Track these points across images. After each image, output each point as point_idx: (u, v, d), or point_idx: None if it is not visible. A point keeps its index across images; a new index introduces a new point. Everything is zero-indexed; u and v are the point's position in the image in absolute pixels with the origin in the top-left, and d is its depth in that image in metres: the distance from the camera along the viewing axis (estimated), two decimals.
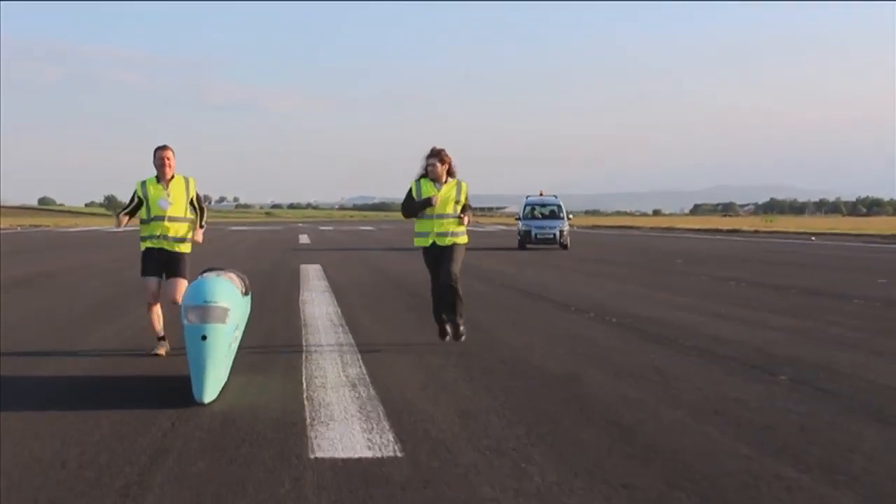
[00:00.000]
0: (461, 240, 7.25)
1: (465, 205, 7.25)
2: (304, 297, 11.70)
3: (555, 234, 26.24)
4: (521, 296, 12.18)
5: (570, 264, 19.50)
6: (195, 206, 7.17)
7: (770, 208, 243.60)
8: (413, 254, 7.44)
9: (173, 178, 7.01)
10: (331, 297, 11.65)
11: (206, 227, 7.32)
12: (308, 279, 14.85)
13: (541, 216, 27.63)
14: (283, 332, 8.28)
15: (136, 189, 7.03)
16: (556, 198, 28.53)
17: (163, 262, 7.01)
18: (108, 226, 72.83)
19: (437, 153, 7.20)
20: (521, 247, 26.81)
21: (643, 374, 6.13)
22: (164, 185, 6.97)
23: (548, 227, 26.56)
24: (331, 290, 12.70)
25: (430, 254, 7.27)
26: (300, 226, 70.78)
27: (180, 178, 7.06)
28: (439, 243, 7.17)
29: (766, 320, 9.21)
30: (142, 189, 7.00)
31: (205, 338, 5.26)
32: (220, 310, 5.43)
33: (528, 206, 28.09)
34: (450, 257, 7.13)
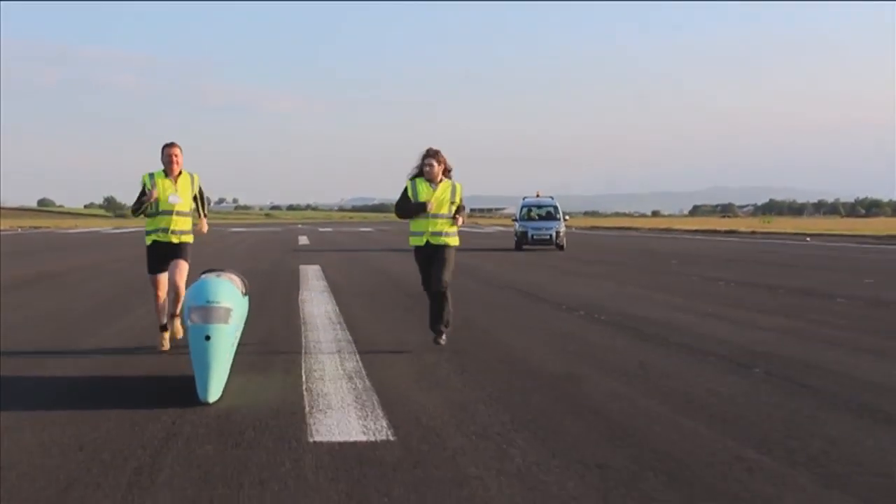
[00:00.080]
0: (452, 241, 7.43)
1: (458, 206, 7.43)
2: (303, 296, 12.00)
3: (551, 235, 26.57)
4: (514, 295, 12.49)
5: (565, 265, 19.80)
6: (198, 199, 7.52)
7: (769, 209, 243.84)
8: (411, 255, 7.71)
9: (180, 174, 7.30)
10: (329, 296, 11.95)
11: (206, 217, 7.68)
12: (307, 279, 15.15)
13: (537, 217, 27.94)
14: (283, 330, 8.58)
15: (145, 181, 7.27)
16: (553, 199, 28.85)
17: (167, 254, 7.30)
18: (107, 227, 73.13)
19: (434, 153, 7.35)
20: (518, 248, 27.13)
21: (626, 368, 6.44)
22: (172, 181, 7.25)
23: (544, 229, 26.88)
24: (329, 289, 13.00)
25: (422, 252, 7.46)
26: (299, 227, 71.05)
27: (186, 174, 7.35)
28: (433, 242, 7.36)
29: (750, 319, 9.53)
30: (150, 181, 7.25)
31: (209, 338, 5.37)
32: (223, 310, 5.55)
33: (524, 207, 28.41)
34: (441, 263, 7.29)
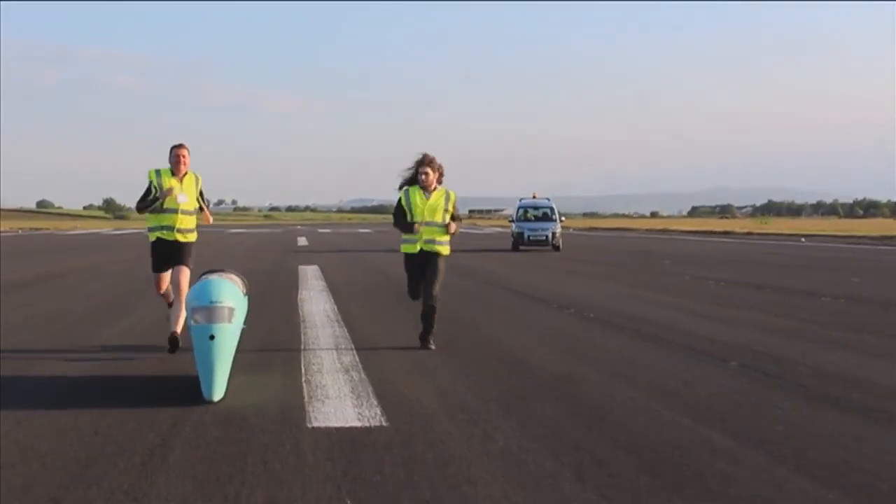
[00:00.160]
0: (445, 250, 7.51)
1: (453, 214, 7.49)
2: (302, 295, 12.34)
3: (547, 235, 26.93)
4: (508, 294, 12.83)
5: (559, 265, 20.15)
6: (201, 198, 7.69)
7: (767, 210, 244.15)
8: None
9: (186, 174, 7.49)
10: (328, 295, 12.29)
11: (211, 216, 7.84)
12: (306, 279, 15.50)
13: (533, 218, 28.31)
14: (283, 327, 8.93)
15: (151, 178, 7.42)
16: (549, 200, 29.22)
17: (171, 252, 7.48)
18: (107, 228, 73.43)
19: (430, 161, 7.46)
20: (515, 248, 27.50)
21: (608, 360, 6.80)
22: (178, 180, 7.43)
23: (540, 229, 27.24)
24: (328, 289, 13.35)
25: (414, 260, 7.55)
26: (298, 228, 71.40)
27: (192, 174, 7.54)
28: (426, 249, 7.46)
29: (732, 316, 9.88)
30: (157, 178, 7.41)
31: (212, 337, 5.46)
32: (226, 310, 5.63)
33: (520, 208, 28.78)
34: (433, 274, 7.40)
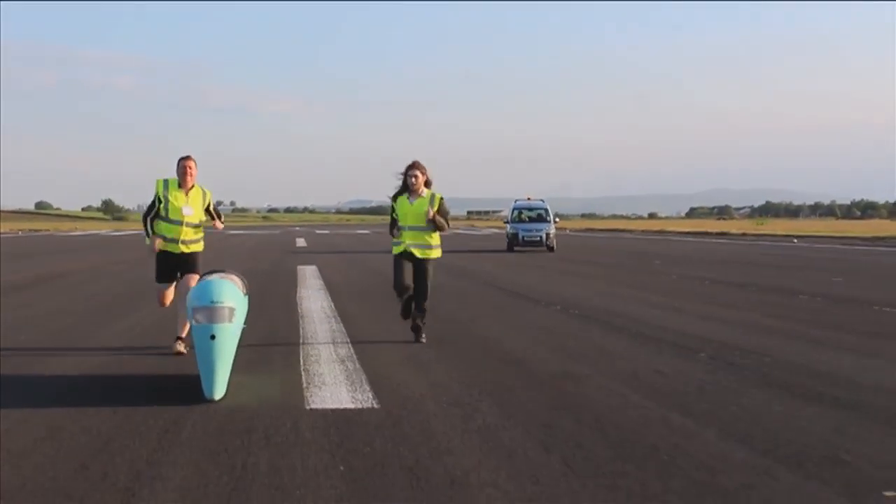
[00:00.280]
0: (432, 253, 7.77)
1: (438, 210, 7.69)
2: (300, 293, 12.79)
3: (541, 236, 27.38)
4: (500, 293, 13.28)
5: (552, 265, 20.59)
6: (211, 213, 7.74)
7: (765, 211, 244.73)
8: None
9: (193, 187, 7.53)
10: (325, 294, 12.74)
11: (221, 226, 7.92)
12: (305, 279, 15.94)
13: (528, 219, 28.77)
14: (282, 322, 9.38)
15: (158, 188, 7.46)
16: (544, 202, 29.69)
17: (177, 264, 7.60)
18: (106, 229, 73.88)
19: (419, 166, 7.84)
20: (510, 249, 27.94)
21: (587, 353, 7.26)
22: (184, 193, 7.48)
23: (535, 230, 27.69)
24: (326, 288, 13.79)
25: (401, 259, 7.76)
26: (297, 229, 71.81)
27: (199, 188, 7.57)
28: (416, 254, 7.71)
29: (712, 312, 10.34)
30: (164, 189, 7.45)
31: (213, 337, 5.51)
32: (226, 310, 5.69)
33: (515, 209, 29.26)
34: (423, 278, 7.70)
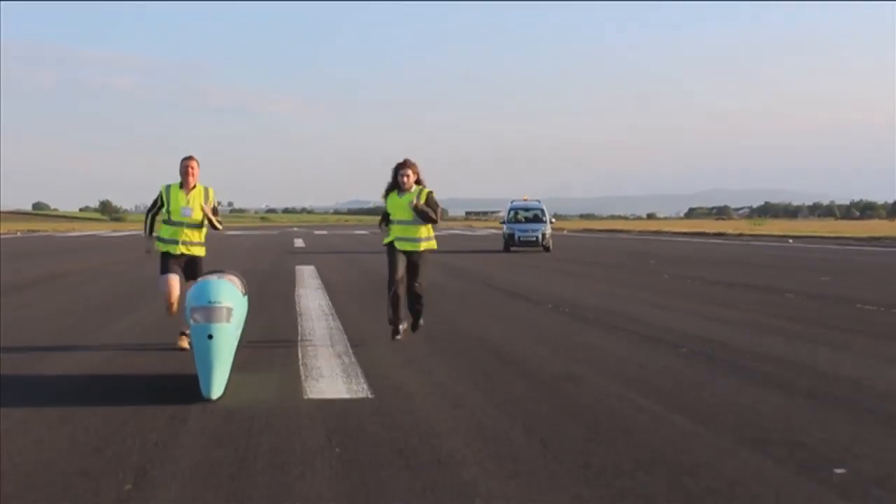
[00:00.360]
0: (422, 245, 7.84)
1: (429, 202, 7.73)
2: (299, 292, 13.13)
3: (537, 236, 27.72)
4: (494, 292, 13.62)
5: (547, 265, 20.93)
6: (207, 213, 7.69)
7: (764, 212, 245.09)
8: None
9: (195, 187, 7.61)
10: (323, 293, 13.07)
11: (219, 227, 7.89)
12: (303, 278, 16.27)
13: (524, 220, 29.12)
14: (281, 319, 9.71)
15: (161, 191, 7.63)
16: (539, 202, 30.05)
17: (184, 264, 7.68)
18: (105, 230, 74.19)
19: (412, 165, 7.98)
20: (506, 249, 28.27)
21: (573, 347, 7.61)
22: (185, 193, 7.57)
23: (530, 230, 28.04)
24: (323, 287, 14.12)
25: (393, 250, 7.87)
26: (295, 230, 72.13)
27: (201, 187, 7.63)
28: (408, 248, 7.82)
29: (697, 309, 10.69)
30: (166, 193, 7.60)
31: (211, 337, 5.56)
32: (224, 310, 5.73)
33: (511, 210, 29.61)
34: (414, 273, 7.83)
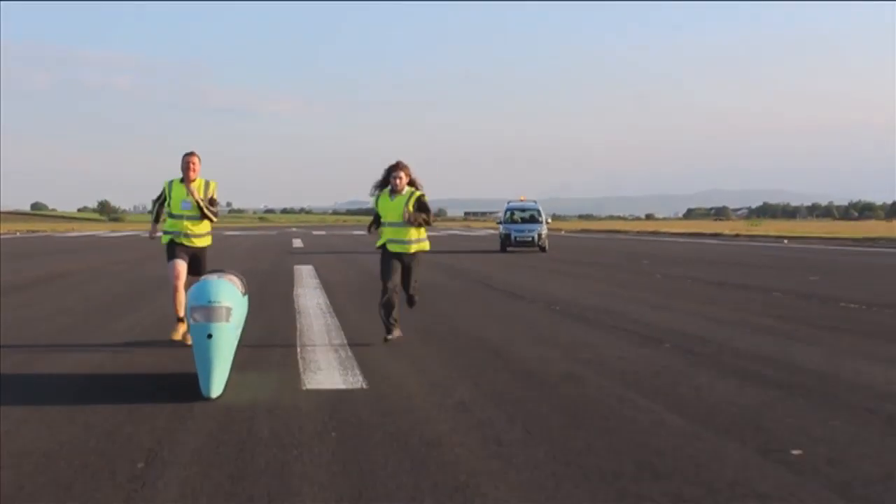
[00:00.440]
0: (414, 247, 7.93)
1: (420, 207, 7.85)
2: (297, 291, 13.45)
3: (533, 237, 28.06)
4: (488, 290, 13.94)
5: (543, 265, 21.25)
6: (203, 202, 7.88)
7: (763, 212, 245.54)
8: None
9: (195, 181, 7.89)
10: (321, 292, 13.39)
11: (213, 218, 8.01)
12: (301, 277, 16.59)
13: (520, 220, 29.45)
14: (281, 316, 10.04)
15: (164, 187, 8.00)
16: (536, 203, 30.39)
17: (189, 255, 8.01)
18: (104, 230, 74.48)
19: (404, 167, 8.10)
20: (503, 249, 28.62)
21: (559, 342, 7.94)
22: (186, 187, 7.86)
23: (527, 231, 28.37)
24: (322, 286, 14.44)
25: (386, 254, 7.97)
26: (293, 230, 72.45)
27: (201, 180, 7.93)
28: (399, 249, 7.90)
29: (684, 307, 11.02)
30: (168, 187, 7.97)
31: (210, 336, 5.64)
32: (223, 309, 5.80)
33: (508, 210, 29.96)
34: (407, 275, 7.96)
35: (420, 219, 7.83)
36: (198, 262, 8.08)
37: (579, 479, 3.84)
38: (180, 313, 7.80)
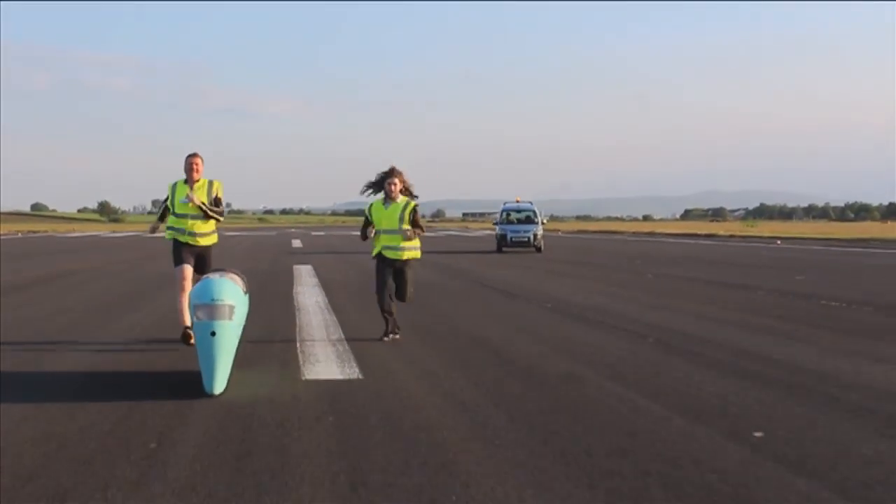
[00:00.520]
0: (408, 254, 8.15)
1: (413, 221, 8.10)
2: (297, 290, 13.79)
3: (529, 237, 28.41)
4: (484, 289, 14.29)
5: (538, 265, 21.59)
6: (207, 203, 7.95)
7: (760, 213, 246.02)
8: None
9: (198, 181, 7.99)
10: (320, 290, 13.74)
11: (219, 218, 8.11)
12: (301, 277, 16.94)
13: (516, 221, 29.81)
14: (281, 313, 10.38)
15: (168, 187, 8.08)
16: (532, 204, 30.74)
17: (194, 255, 8.18)
18: (105, 231, 74.81)
19: (399, 174, 8.21)
20: (499, 249, 28.96)
21: (549, 337, 8.30)
22: (189, 187, 7.97)
23: (523, 231, 28.72)
24: (320, 285, 14.79)
25: (382, 261, 8.19)
26: (292, 231, 72.79)
27: (205, 180, 8.04)
28: (392, 256, 8.13)
29: (669, 304, 11.38)
30: (171, 188, 8.05)
31: (213, 334, 5.75)
32: (226, 308, 5.91)
33: (504, 211, 30.33)
34: (402, 282, 8.17)
35: (415, 235, 8.10)
36: (203, 261, 8.26)
37: (556, 456, 4.20)
38: (186, 322, 7.73)
